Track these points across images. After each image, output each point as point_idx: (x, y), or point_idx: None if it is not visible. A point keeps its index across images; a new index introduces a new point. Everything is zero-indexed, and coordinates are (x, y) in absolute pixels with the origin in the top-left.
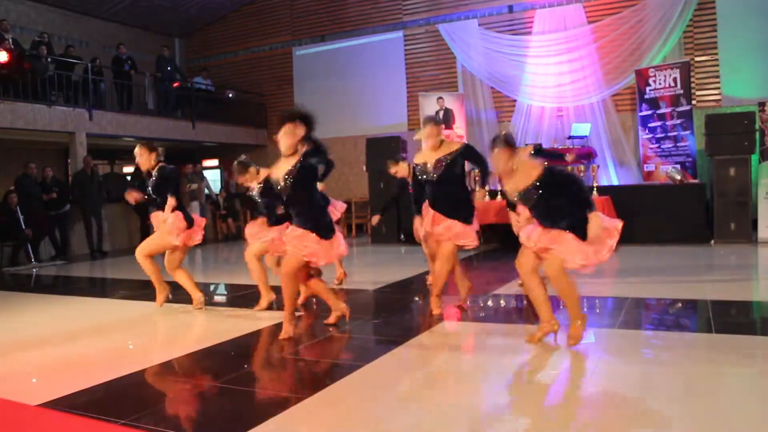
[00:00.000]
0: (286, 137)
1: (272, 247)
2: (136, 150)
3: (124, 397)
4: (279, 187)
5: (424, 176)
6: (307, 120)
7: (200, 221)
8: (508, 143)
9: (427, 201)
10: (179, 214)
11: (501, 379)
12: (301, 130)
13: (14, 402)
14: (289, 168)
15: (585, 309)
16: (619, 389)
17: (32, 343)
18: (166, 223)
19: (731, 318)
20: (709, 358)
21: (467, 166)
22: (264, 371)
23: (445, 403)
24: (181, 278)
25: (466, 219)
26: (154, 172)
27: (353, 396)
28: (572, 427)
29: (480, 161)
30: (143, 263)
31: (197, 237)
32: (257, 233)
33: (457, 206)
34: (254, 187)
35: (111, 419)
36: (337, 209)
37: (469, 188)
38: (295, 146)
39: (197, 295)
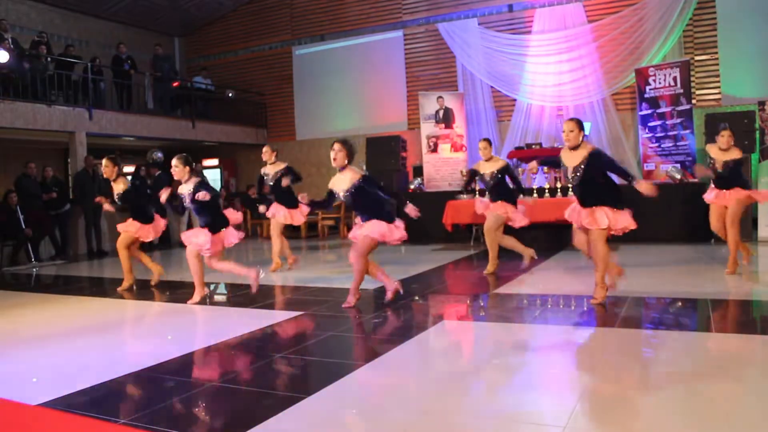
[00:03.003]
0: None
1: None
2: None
3: (124, 397)
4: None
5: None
6: None
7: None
8: None
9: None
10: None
11: (501, 379)
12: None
13: (14, 402)
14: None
15: (585, 308)
16: (619, 388)
17: (32, 343)
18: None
19: (731, 317)
20: (709, 357)
21: None
22: (264, 371)
23: (445, 403)
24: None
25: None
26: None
27: (353, 395)
28: (572, 427)
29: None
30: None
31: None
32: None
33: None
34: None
35: (111, 419)
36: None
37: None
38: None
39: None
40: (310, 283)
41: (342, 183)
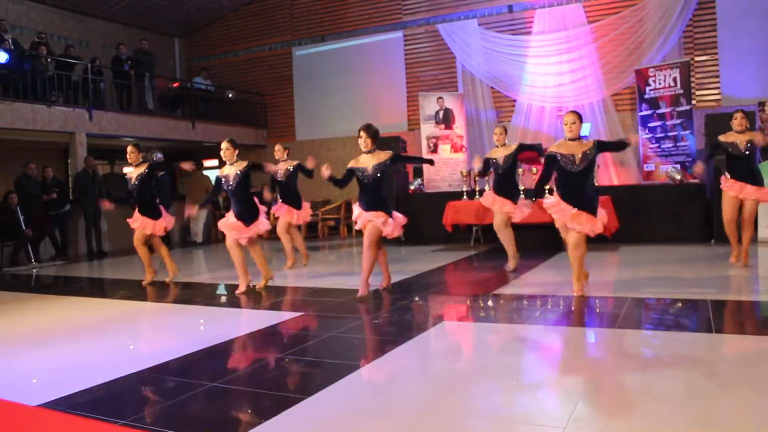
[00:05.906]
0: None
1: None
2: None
3: (124, 397)
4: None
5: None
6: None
7: None
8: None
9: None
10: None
11: (501, 379)
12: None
13: (14, 402)
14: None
15: (585, 308)
16: (619, 389)
17: (32, 343)
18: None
19: (731, 317)
20: (709, 357)
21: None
22: (264, 371)
23: (445, 403)
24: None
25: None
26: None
27: (353, 396)
28: (572, 427)
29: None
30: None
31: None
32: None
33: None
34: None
35: (111, 419)
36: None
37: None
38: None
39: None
40: (309, 283)
41: (371, 160)
